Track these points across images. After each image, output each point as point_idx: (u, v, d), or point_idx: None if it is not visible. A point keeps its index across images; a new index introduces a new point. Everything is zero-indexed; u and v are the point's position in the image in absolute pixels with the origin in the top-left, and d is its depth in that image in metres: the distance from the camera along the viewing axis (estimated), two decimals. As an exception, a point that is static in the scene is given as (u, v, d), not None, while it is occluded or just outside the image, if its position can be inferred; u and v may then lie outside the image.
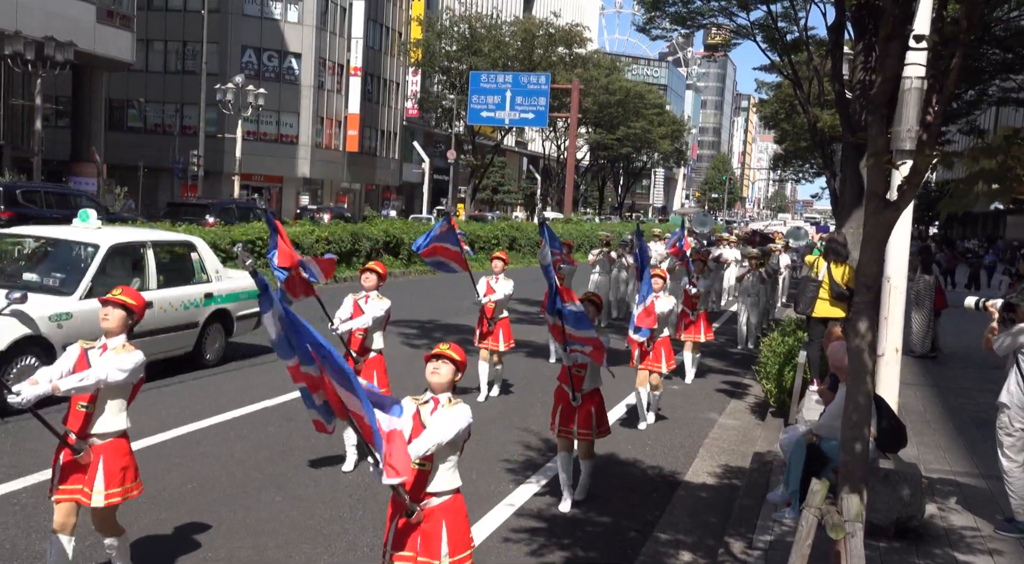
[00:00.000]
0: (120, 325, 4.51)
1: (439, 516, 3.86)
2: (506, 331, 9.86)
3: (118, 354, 4.45)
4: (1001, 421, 6.02)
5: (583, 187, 75.40)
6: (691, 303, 11.55)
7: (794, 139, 45.05)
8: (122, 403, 4.56)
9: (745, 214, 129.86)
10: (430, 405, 3.93)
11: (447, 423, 3.81)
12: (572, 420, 6.44)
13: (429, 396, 3.96)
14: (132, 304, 4.56)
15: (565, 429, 6.48)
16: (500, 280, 9.84)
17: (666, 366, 9.19)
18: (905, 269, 6.91)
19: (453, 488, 3.93)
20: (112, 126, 42.96)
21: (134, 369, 4.47)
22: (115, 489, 4.49)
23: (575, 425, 6.43)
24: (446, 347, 4.02)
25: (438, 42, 50.52)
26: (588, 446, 6.56)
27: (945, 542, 5.72)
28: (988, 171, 2.97)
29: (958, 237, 56.29)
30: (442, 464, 3.87)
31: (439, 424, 3.80)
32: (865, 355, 3.72)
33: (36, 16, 27.05)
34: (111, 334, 4.51)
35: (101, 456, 4.48)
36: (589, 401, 6.48)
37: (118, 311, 4.51)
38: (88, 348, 4.51)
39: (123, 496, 4.54)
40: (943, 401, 10.18)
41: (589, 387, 6.51)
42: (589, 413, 6.45)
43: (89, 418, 4.48)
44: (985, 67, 17.21)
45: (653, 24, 15.17)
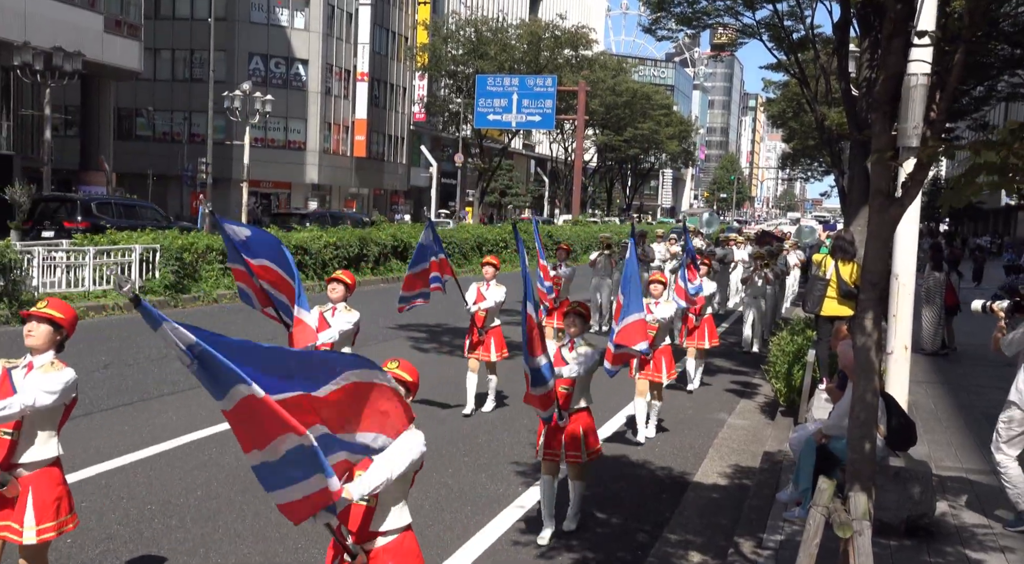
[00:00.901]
0: (47, 342, 4.04)
1: (386, 559, 3.47)
2: (498, 340, 9.27)
3: (45, 373, 3.98)
4: (1007, 416, 6.01)
5: (591, 189, 75.37)
6: (696, 308, 10.89)
7: (802, 138, 44.95)
8: (52, 428, 4.11)
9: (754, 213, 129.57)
10: None
11: (398, 454, 3.35)
12: (558, 441, 5.89)
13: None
14: (59, 317, 4.07)
15: (551, 452, 5.90)
16: (491, 287, 9.22)
17: (667, 375, 8.61)
18: (913, 266, 6.88)
19: (402, 526, 3.54)
20: (121, 135, 43.20)
21: (64, 390, 4.00)
22: (48, 524, 4.05)
23: (562, 447, 5.88)
24: (395, 365, 3.62)
25: (444, 46, 50.61)
26: (578, 468, 6.00)
27: (957, 540, 5.68)
28: (990, 164, 2.96)
29: (969, 234, 56.02)
30: (390, 499, 3.48)
31: (389, 456, 3.32)
32: (871, 353, 3.70)
33: (44, 27, 27.23)
34: (37, 352, 4.03)
35: (30, 488, 4.03)
36: (578, 420, 5.93)
37: (43, 326, 4.04)
38: (11, 368, 4.04)
39: (57, 530, 4.09)
40: (954, 398, 10.12)
41: (578, 405, 6.00)
42: (577, 434, 5.90)
43: (14, 447, 4.00)
44: (993, 63, 17.12)
45: (659, 25, 15.14)
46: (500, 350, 9.27)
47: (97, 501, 6.16)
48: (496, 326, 9.30)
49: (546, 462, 5.95)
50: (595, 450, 6.01)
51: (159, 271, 16.56)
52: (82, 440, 7.56)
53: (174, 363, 11.07)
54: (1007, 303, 6.41)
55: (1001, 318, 6.31)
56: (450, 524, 6.08)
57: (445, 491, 6.76)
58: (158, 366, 10.80)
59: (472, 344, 9.23)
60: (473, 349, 9.22)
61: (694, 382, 11.12)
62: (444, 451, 7.83)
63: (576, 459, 5.92)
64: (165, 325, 2.78)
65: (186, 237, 17.83)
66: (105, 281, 15.77)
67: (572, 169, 53.53)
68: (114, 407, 8.74)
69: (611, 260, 15.63)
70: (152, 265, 16.56)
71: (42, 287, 14.59)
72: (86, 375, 10.09)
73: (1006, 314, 6.34)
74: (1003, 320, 6.30)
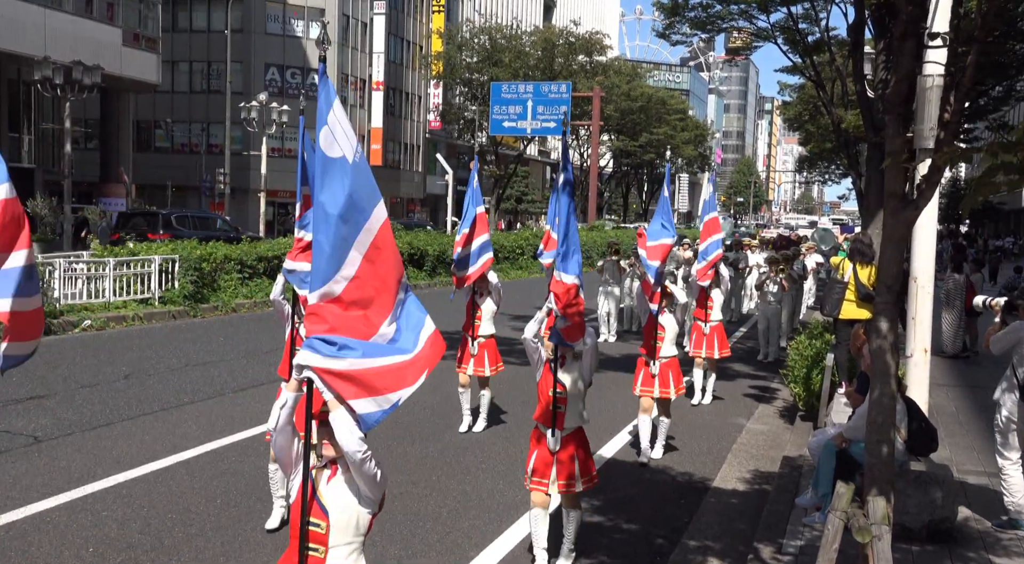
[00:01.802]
0: None
1: None
2: (492, 353, 8.65)
3: None
4: (996, 418, 6.02)
5: (607, 194, 75.26)
6: (705, 315, 10.37)
7: (819, 140, 44.61)
8: None
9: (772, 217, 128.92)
10: (327, 471, 3.29)
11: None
12: (549, 469, 5.29)
13: (326, 460, 3.29)
14: None
15: (539, 481, 5.29)
16: (484, 295, 8.67)
17: (674, 391, 7.96)
18: (932, 269, 6.84)
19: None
20: (140, 147, 43.59)
21: None
22: None
23: (553, 476, 5.29)
24: None
25: (459, 54, 50.74)
26: (573, 497, 5.43)
27: (980, 545, 5.62)
28: (1008, 164, 2.94)
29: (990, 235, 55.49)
30: (342, 549, 3.21)
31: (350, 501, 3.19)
32: (888, 356, 3.68)
33: (64, 41, 27.54)
34: None
35: None
36: (571, 443, 5.36)
37: None
38: None
39: None
40: (976, 401, 10.02)
41: (571, 425, 5.39)
42: (571, 459, 5.32)
43: None
44: (1012, 62, 16.97)
45: (673, 29, 15.10)
46: (495, 364, 8.69)
47: (118, 510, 6.20)
48: (491, 337, 8.70)
49: (535, 492, 5.31)
50: (592, 477, 5.42)
51: (178, 281, 16.68)
52: (103, 450, 7.62)
53: (194, 372, 11.15)
54: (1003, 300, 6.39)
55: (997, 315, 6.29)
56: (468, 532, 6.09)
57: (463, 498, 6.76)
58: (178, 376, 10.87)
59: (463, 357, 8.69)
60: (465, 362, 8.66)
61: (705, 396, 10.48)
62: (461, 459, 7.84)
63: (570, 488, 5.31)
64: None
65: (204, 247, 17.96)
66: (126, 292, 15.90)
67: (587, 175, 53.51)
68: (134, 417, 8.81)
69: (618, 266, 15.04)
70: (171, 275, 16.69)
71: (63, 299, 14.72)
72: (107, 385, 10.17)
73: (1002, 312, 6.32)
74: (998, 317, 6.28)
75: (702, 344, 10.34)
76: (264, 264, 19.03)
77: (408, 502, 6.61)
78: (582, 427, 5.48)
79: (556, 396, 5.27)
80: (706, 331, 10.38)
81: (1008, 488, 5.90)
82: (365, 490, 3.21)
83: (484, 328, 8.63)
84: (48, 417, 8.59)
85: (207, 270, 17.30)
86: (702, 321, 10.40)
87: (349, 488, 3.23)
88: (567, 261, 5.27)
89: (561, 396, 5.29)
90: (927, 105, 6.23)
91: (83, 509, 6.20)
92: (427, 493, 6.84)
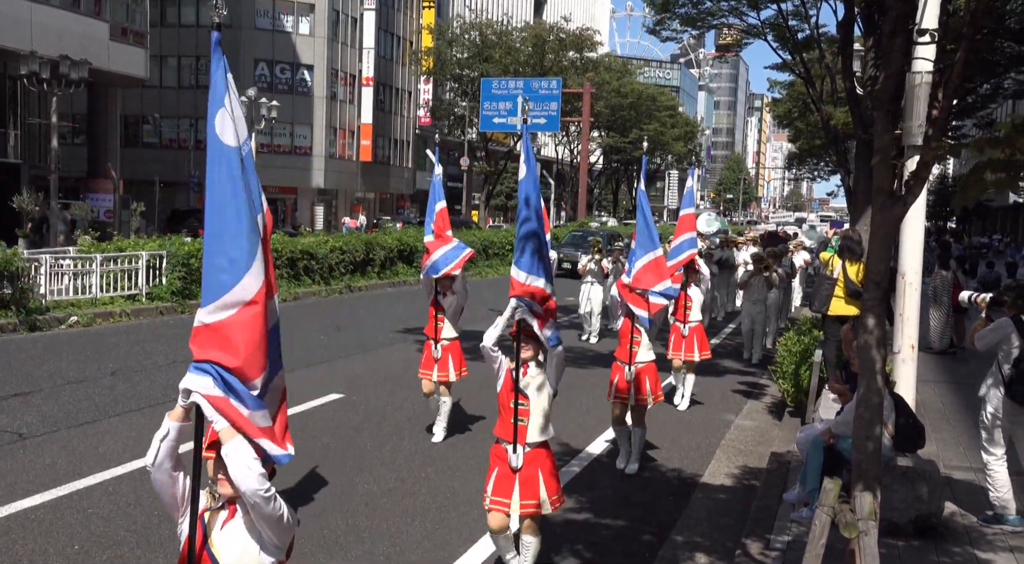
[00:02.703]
0: None
1: None
2: (456, 356, 8.10)
3: None
4: (981, 414, 6.07)
5: (597, 191, 75.32)
6: (684, 315, 9.96)
7: (808, 137, 44.84)
8: None
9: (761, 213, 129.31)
10: (224, 514, 2.90)
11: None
12: (511, 488, 4.82)
13: (224, 500, 2.90)
14: None
15: (499, 501, 4.83)
16: (448, 295, 8.14)
17: (652, 398, 7.47)
18: (920, 265, 6.86)
19: None
20: (127, 142, 43.33)
21: None
22: None
23: (515, 496, 4.82)
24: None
25: (449, 50, 50.68)
26: (534, 523, 4.90)
27: (966, 540, 5.65)
28: (995, 161, 2.94)
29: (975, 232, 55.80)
30: None
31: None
32: (875, 352, 3.68)
33: (51, 35, 27.33)
34: None
35: None
36: (535, 460, 4.88)
37: None
38: None
39: None
40: (963, 397, 10.07)
41: (535, 439, 4.90)
42: (535, 478, 4.84)
43: None
44: (999, 60, 17.06)
45: (663, 26, 15.12)
46: (459, 368, 8.11)
47: (104, 507, 6.17)
48: (455, 339, 8.15)
49: (494, 513, 4.86)
50: (557, 499, 4.93)
51: (166, 277, 16.60)
52: (89, 446, 7.58)
53: (181, 369, 11.08)
54: (989, 296, 6.42)
55: (982, 311, 6.33)
56: (457, 528, 6.08)
57: (452, 495, 6.75)
58: (165, 372, 10.82)
59: (426, 361, 8.14)
60: (428, 368, 8.09)
61: (684, 400, 10.07)
62: (449, 455, 7.83)
63: (533, 510, 4.81)
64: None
65: (193, 243, 17.86)
66: (113, 288, 15.82)
67: (578, 171, 53.53)
68: (121, 414, 8.76)
69: (601, 265, 14.41)
70: (159, 271, 16.60)
71: (50, 295, 14.63)
72: (93, 382, 10.11)
73: (987, 308, 6.35)
74: (983, 313, 6.32)
75: (681, 346, 9.94)
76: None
77: (397, 498, 6.60)
78: (547, 442, 4.97)
79: (518, 408, 4.81)
80: (685, 333, 9.96)
81: (993, 483, 5.94)
82: (268, 535, 2.78)
83: (447, 330, 8.11)
84: (33, 414, 8.54)
85: (195, 266, 17.20)
86: (681, 322, 10.00)
87: (249, 533, 2.80)
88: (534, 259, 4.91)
89: (523, 408, 4.82)
90: (915, 102, 6.24)
91: (69, 506, 6.16)
92: (416, 489, 6.83)
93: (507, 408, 4.88)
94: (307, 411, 9.15)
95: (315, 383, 10.42)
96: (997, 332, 5.92)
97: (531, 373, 4.96)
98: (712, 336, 15.91)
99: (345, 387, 10.26)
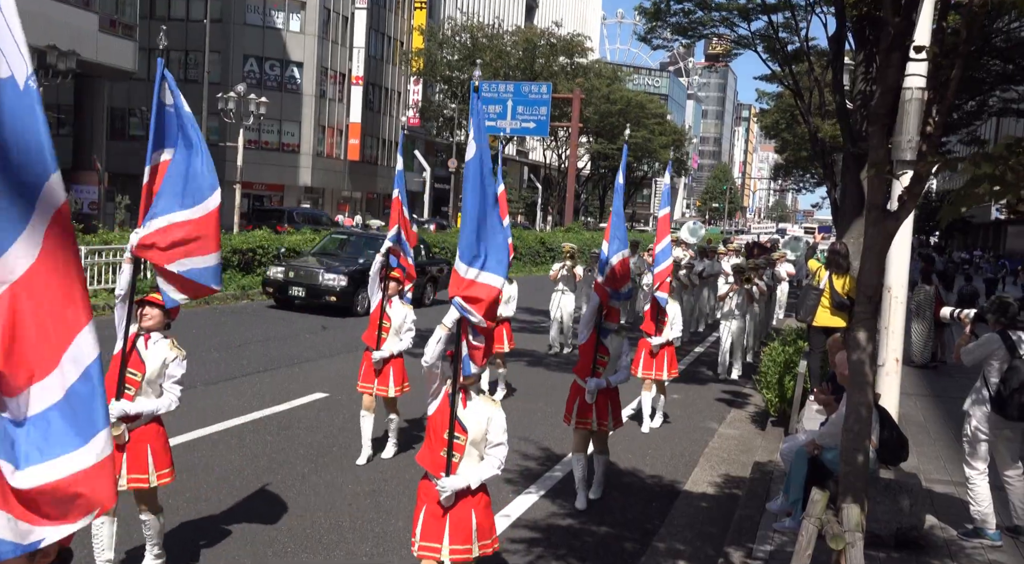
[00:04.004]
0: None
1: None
2: (398, 370, 7.49)
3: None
4: (965, 429, 6.11)
5: (584, 196, 75.47)
6: (656, 330, 9.26)
7: (795, 149, 45.18)
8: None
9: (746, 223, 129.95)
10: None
11: None
12: (442, 531, 4.20)
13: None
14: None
15: (429, 548, 4.22)
16: (395, 304, 7.50)
17: (613, 423, 6.83)
18: (906, 279, 6.93)
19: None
20: (114, 135, 43.06)
21: None
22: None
23: (445, 540, 4.21)
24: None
25: (440, 51, 50.68)
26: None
27: (945, 552, 5.70)
28: (989, 176, 2.98)
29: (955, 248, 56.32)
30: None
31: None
32: (866, 366, 3.71)
33: (38, 25, 27.11)
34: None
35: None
36: (468, 504, 4.23)
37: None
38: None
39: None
40: (944, 411, 10.16)
41: (469, 489, 4.22)
42: (467, 522, 4.21)
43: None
44: (986, 78, 17.25)
45: (654, 34, 15.21)
46: (400, 383, 7.48)
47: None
48: (398, 358, 7.51)
49: (424, 560, 4.29)
50: (490, 544, 4.33)
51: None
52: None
53: (164, 364, 11.02)
54: (972, 312, 6.48)
55: (966, 326, 6.38)
56: (440, 530, 6.06)
57: (435, 497, 6.73)
58: (148, 367, 10.74)
59: (365, 373, 7.45)
60: (367, 380, 7.43)
61: (653, 420, 9.48)
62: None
63: (464, 557, 4.22)
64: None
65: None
66: (97, 281, 15.69)
67: (565, 176, 53.62)
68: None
69: (573, 272, 13.65)
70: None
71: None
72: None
73: (971, 323, 6.41)
74: (967, 329, 6.37)
75: (651, 364, 9.25)
76: (239, 257, 18.86)
77: (380, 499, 6.58)
78: (484, 486, 4.31)
79: (452, 441, 4.17)
80: (655, 351, 9.29)
81: (974, 497, 5.99)
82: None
83: (391, 342, 7.44)
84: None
85: (180, 261, 17.12)
86: (650, 336, 9.30)
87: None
88: (489, 259, 4.11)
89: (459, 442, 4.18)
90: (905, 117, 6.30)
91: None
92: (399, 490, 6.81)
93: (439, 438, 4.20)
94: (291, 410, 9.11)
95: (300, 382, 10.38)
96: (984, 347, 5.97)
97: (474, 402, 4.26)
98: (696, 345, 15.98)
99: (330, 386, 10.22)
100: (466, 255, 4.05)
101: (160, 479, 4.97)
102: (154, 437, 4.98)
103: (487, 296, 4.05)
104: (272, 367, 11.26)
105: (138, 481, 4.90)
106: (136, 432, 4.90)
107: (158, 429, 5.04)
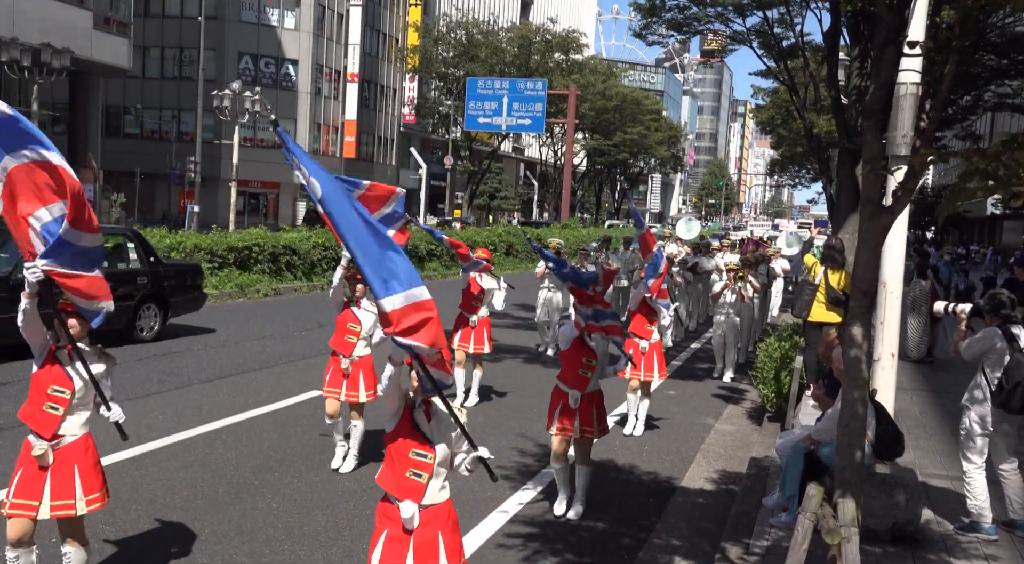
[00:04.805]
0: None
1: None
2: (368, 374, 7.14)
3: None
4: (963, 423, 6.13)
5: (580, 193, 75.50)
6: (645, 331, 8.97)
7: (790, 144, 45.23)
8: None
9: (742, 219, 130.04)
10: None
11: None
12: (403, 554, 3.75)
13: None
14: None
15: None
16: (363, 307, 7.19)
17: (598, 430, 6.46)
18: (901, 274, 6.93)
19: None
20: (109, 132, 42.98)
21: None
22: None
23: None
24: None
25: (435, 48, 50.66)
26: None
27: (941, 547, 5.71)
28: (982, 171, 2.99)
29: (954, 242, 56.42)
30: None
31: None
32: (861, 361, 3.72)
33: (33, 23, 27.05)
34: None
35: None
36: (434, 521, 3.81)
37: None
38: None
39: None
40: (940, 406, 10.18)
41: (433, 500, 3.82)
42: (434, 542, 3.78)
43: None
44: (980, 73, 17.26)
45: (649, 30, 15.18)
46: (371, 388, 7.11)
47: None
48: (367, 355, 7.20)
49: None
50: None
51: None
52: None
53: (160, 363, 11.02)
54: (968, 307, 6.49)
55: (962, 321, 6.39)
56: (437, 527, 6.06)
57: (432, 494, 6.73)
58: (144, 365, 10.74)
59: (333, 378, 7.14)
60: (335, 385, 7.12)
61: (637, 426, 9.03)
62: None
63: None
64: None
65: (174, 236, 17.75)
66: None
67: (561, 173, 53.64)
68: (99, 406, 8.67)
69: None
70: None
71: (27, 285, 14.46)
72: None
73: (968, 318, 6.42)
74: (964, 324, 6.38)
75: (640, 365, 8.75)
76: (234, 254, 18.84)
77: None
78: (449, 499, 3.90)
79: (416, 460, 3.80)
80: (644, 349, 8.90)
81: (971, 491, 6.00)
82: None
83: (360, 348, 7.16)
84: (11, 404, 8.43)
85: (177, 258, 17.08)
86: (638, 337, 8.94)
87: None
88: (399, 275, 3.60)
89: (425, 462, 3.79)
90: (900, 113, 6.30)
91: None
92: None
93: (402, 458, 3.81)
94: (288, 407, 9.11)
95: (296, 379, 10.37)
96: (983, 341, 5.98)
97: (438, 419, 3.89)
98: (692, 341, 16.00)
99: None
100: (379, 289, 3.55)
101: (89, 505, 4.34)
102: (81, 455, 4.37)
103: (422, 316, 3.57)
104: (268, 365, 11.26)
105: (63, 508, 4.28)
106: (60, 451, 4.31)
107: (87, 445, 4.43)
